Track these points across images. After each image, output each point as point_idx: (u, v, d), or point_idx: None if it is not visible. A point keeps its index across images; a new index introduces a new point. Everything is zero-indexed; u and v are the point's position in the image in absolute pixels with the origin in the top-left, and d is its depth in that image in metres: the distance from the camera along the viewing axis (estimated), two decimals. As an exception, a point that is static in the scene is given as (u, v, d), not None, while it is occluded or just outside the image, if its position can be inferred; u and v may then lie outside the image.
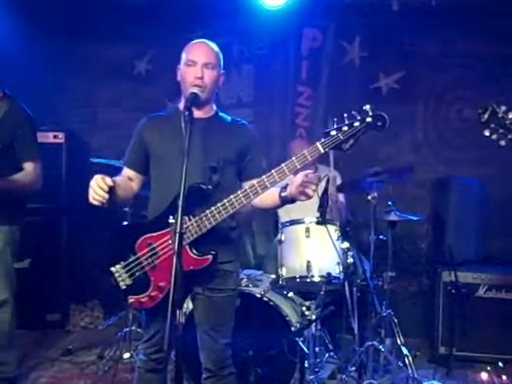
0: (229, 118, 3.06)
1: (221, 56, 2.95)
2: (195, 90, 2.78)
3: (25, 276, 4.98)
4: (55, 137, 5.28)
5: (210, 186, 2.71)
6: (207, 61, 2.86)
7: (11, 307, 3.85)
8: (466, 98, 5.27)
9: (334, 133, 2.59)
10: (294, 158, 2.63)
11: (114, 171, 4.47)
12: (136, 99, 5.65)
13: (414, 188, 5.25)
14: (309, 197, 2.72)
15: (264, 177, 2.66)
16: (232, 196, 2.67)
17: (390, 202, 4.34)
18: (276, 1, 5.04)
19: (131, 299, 2.85)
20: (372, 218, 4.23)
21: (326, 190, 3.82)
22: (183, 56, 2.92)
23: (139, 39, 5.60)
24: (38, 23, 5.28)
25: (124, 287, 2.84)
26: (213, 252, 2.73)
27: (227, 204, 2.67)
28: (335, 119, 2.60)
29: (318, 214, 3.84)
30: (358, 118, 2.58)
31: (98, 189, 2.64)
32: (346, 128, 2.58)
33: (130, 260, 2.81)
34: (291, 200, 2.79)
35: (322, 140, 2.60)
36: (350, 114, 2.59)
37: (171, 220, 2.62)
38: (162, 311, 2.53)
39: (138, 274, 2.81)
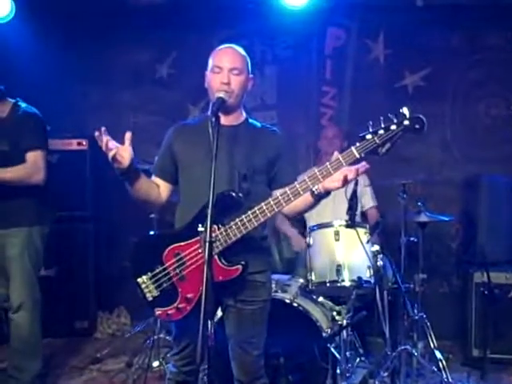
0: (259, 125, 2.97)
1: (248, 60, 2.88)
2: (222, 94, 2.71)
3: (51, 283, 5.00)
4: (79, 144, 5.25)
5: (240, 194, 2.64)
6: (233, 66, 2.78)
7: (29, 312, 3.82)
8: (495, 94, 5.16)
9: (369, 136, 2.47)
10: (327, 164, 2.53)
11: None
12: (158, 103, 5.61)
13: (443, 187, 5.15)
14: (341, 183, 2.58)
15: (296, 183, 2.57)
16: (263, 204, 2.60)
17: (419, 203, 4.26)
18: (298, 1, 4.96)
19: (158, 311, 2.78)
20: (402, 220, 4.15)
21: (354, 193, 3.76)
22: (210, 62, 2.85)
23: (161, 43, 5.57)
24: (58, 29, 5.28)
25: (151, 299, 2.77)
26: (242, 262, 2.65)
27: (258, 212, 2.59)
28: (370, 122, 2.49)
29: (347, 217, 3.77)
30: (395, 121, 2.47)
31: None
32: (382, 131, 2.47)
33: (157, 271, 2.74)
34: (325, 193, 2.67)
35: (357, 144, 2.49)
36: (387, 116, 2.48)
37: (200, 228, 2.57)
38: (192, 324, 2.50)
39: (165, 285, 2.73)
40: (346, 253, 3.86)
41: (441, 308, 5.06)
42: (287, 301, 3.72)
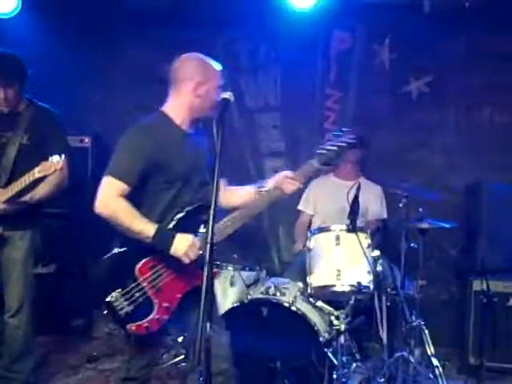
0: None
1: None
2: (226, 95, 2.73)
3: (50, 281, 4.97)
4: (81, 141, 5.25)
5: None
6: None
7: (27, 314, 3.80)
8: (499, 102, 5.14)
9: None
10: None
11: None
12: (162, 103, 5.57)
13: (444, 194, 5.12)
14: (284, 192, 2.96)
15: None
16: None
17: (420, 209, 4.24)
18: (305, 2, 4.95)
19: (132, 327, 2.78)
20: (403, 226, 4.14)
21: (356, 198, 3.75)
22: (214, 79, 2.99)
23: (165, 42, 5.53)
24: (63, 27, 5.28)
25: (124, 316, 2.78)
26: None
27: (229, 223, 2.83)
28: None
29: (348, 222, 3.76)
30: None
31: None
32: None
33: (131, 287, 2.76)
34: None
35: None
36: None
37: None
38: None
39: (140, 299, 2.76)
40: (346, 257, 3.83)
41: (439, 315, 5.05)
42: (286, 304, 3.72)
